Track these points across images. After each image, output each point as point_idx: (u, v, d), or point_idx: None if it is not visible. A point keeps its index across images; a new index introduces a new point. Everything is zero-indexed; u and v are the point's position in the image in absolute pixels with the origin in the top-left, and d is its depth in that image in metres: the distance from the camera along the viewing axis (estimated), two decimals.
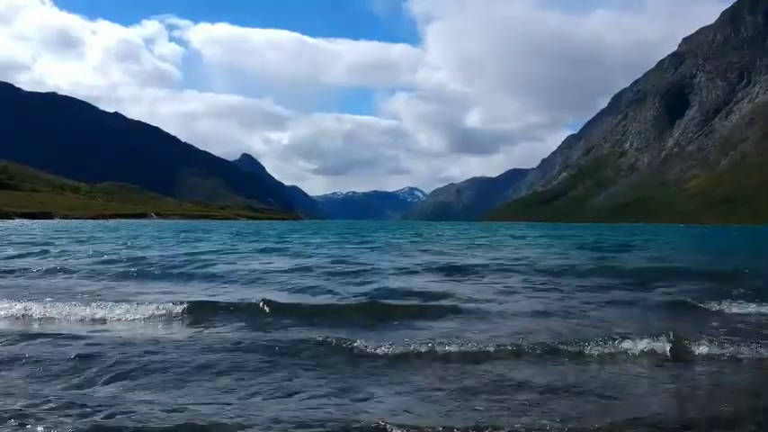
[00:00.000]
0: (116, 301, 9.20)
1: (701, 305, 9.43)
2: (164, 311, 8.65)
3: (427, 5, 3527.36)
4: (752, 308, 9.07)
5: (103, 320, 8.34)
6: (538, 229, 79.40)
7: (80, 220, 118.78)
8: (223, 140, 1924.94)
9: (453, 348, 6.38)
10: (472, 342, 6.73)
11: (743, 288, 11.25)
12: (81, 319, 8.36)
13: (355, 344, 6.51)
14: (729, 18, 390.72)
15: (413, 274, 15.18)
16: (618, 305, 9.95)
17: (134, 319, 8.38)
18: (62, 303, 9.07)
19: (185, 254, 21.48)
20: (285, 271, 15.27)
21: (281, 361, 6.04)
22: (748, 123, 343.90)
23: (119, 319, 8.38)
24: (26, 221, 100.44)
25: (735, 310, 9.10)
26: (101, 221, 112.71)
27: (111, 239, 34.21)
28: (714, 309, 9.23)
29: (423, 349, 6.37)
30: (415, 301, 10.01)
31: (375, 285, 12.36)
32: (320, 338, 6.80)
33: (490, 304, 9.79)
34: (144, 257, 19.01)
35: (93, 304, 8.95)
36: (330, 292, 11.41)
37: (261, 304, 9.08)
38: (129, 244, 28.90)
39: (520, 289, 11.89)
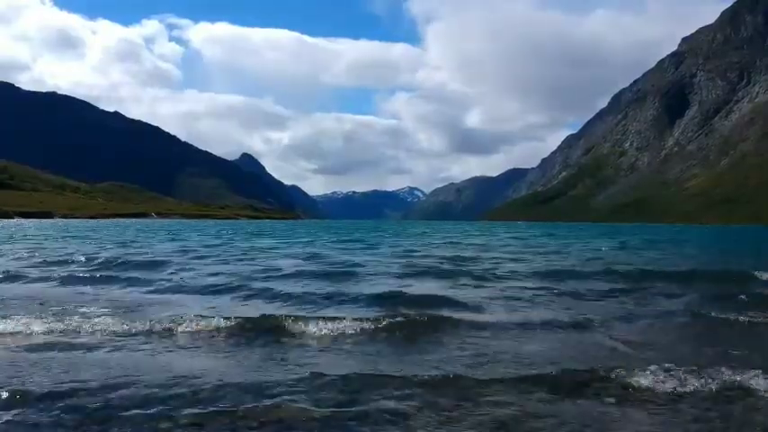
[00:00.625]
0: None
1: (721, 316, 8.30)
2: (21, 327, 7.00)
3: (427, 5, 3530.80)
4: None
5: None
6: (537, 229, 79.18)
7: (79, 220, 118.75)
8: (223, 140, 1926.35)
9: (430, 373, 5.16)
10: (466, 365, 5.57)
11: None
12: None
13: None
14: (729, 18, 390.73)
15: (403, 276, 13.47)
16: (632, 318, 8.42)
17: None
18: None
19: (151, 253, 20.27)
20: (259, 272, 13.78)
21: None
22: (748, 123, 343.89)
23: None
24: (23, 221, 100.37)
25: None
26: (100, 221, 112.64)
27: (94, 238, 33.06)
28: (733, 319, 8.14)
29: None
30: (394, 312, 8.21)
31: (359, 290, 10.79)
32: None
33: (490, 315, 8.50)
34: (101, 257, 17.60)
35: None
36: (301, 300, 9.57)
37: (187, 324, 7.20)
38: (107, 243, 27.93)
39: (521, 295, 10.56)
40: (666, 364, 5.32)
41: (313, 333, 6.94)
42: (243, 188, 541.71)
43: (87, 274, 12.95)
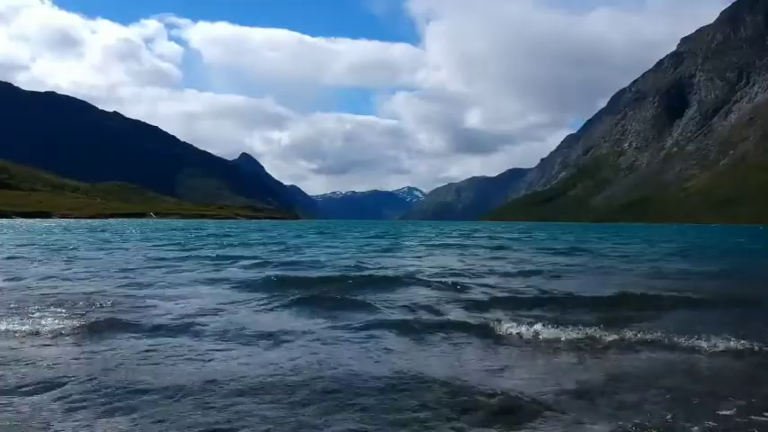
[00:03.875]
0: None
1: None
2: None
3: (427, 5, 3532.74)
4: None
5: None
6: (529, 230, 79.01)
7: (78, 220, 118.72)
8: (223, 140, 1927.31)
9: None
10: None
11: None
12: None
13: None
14: (729, 18, 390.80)
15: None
16: None
17: None
18: None
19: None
20: None
21: None
22: (747, 123, 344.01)
23: None
24: (26, 221, 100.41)
25: None
26: (92, 221, 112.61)
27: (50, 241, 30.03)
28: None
29: None
30: None
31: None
32: None
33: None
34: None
35: None
36: None
37: None
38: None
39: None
40: None
41: None
42: (242, 188, 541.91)
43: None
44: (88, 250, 22.30)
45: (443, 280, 11.94)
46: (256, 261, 17.16)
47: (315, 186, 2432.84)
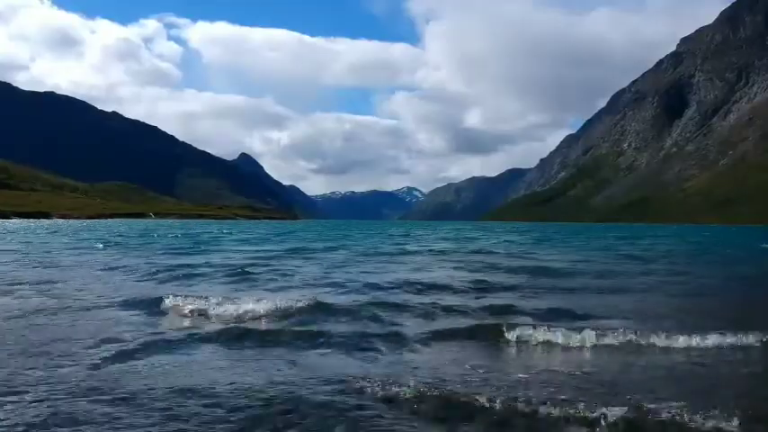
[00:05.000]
0: None
1: None
2: None
3: (427, 5, 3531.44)
4: None
5: None
6: (528, 231, 78.68)
7: (78, 220, 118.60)
8: (222, 140, 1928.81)
9: None
10: None
11: None
12: None
13: None
14: (728, 18, 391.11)
15: None
16: None
17: None
18: None
19: None
20: None
21: None
22: (747, 123, 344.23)
23: None
24: (21, 221, 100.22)
25: None
26: (89, 221, 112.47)
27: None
28: None
29: None
30: None
31: None
32: None
33: None
34: None
35: None
36: None
37: None
38: None
39: None
40: None
41: None
42: (242, 188, 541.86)
43: None
44: None
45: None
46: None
47: (314, 186, 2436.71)
